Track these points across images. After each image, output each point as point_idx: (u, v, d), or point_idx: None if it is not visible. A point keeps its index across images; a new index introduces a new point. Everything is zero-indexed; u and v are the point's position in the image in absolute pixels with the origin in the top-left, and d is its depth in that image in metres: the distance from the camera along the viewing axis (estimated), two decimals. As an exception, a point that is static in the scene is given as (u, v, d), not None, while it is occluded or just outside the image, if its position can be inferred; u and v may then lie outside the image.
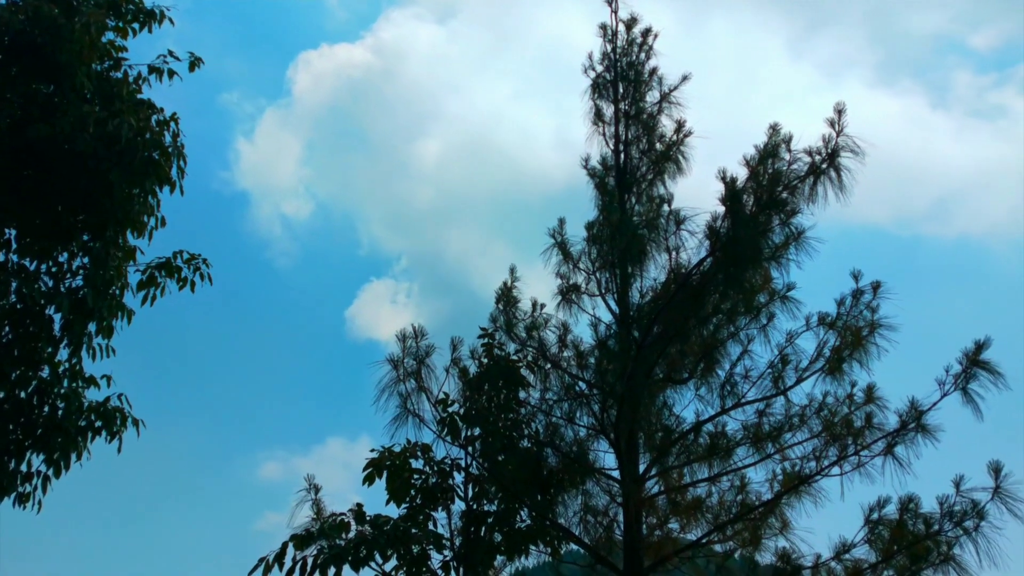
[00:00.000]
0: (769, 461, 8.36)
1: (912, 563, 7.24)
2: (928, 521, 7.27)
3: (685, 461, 8.57)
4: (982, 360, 7.69)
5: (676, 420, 8.57)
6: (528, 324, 9.61)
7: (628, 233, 8.70)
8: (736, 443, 8.52)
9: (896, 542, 7.24)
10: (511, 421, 9.28)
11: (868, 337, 8.46)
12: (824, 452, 7.96)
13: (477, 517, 8.96)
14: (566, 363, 9.13)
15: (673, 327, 8.18)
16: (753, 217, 7.94)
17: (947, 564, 7.23)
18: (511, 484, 8.74)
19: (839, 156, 7.93)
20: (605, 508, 8.62)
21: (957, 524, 7.21)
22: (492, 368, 9.42)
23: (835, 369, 8.45)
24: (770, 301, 8.85)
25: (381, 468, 9.09)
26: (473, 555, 8.59)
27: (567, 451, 8.78)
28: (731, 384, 8.62)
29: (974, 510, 7.20)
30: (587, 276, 9.51)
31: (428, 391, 8.86)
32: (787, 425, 8.39)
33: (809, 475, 7.93)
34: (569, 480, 8.70)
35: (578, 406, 8.87)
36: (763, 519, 8.06)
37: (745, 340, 8.72)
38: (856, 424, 8.08)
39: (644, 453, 8.47)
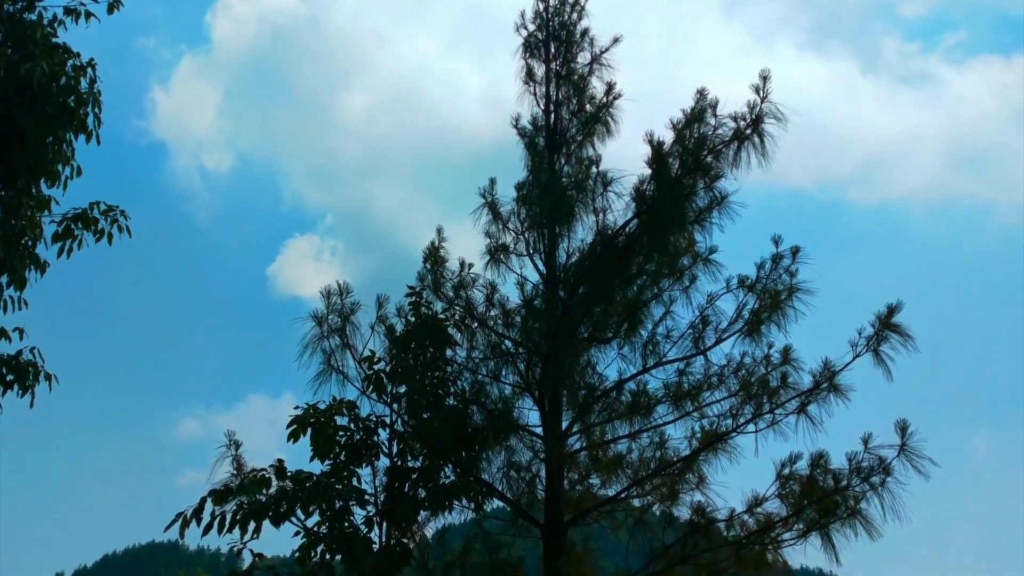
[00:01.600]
0: (688, 419, 8.59)
1: (821, 517, 7.53)
2: (837, 477, 7.56)
3: (607, 418, 8.73)
4: (894, 323, 7.98)
5: (599, 378, 8.73)
6: (456, 283, 9.61)
7: (556, 194, 8.73)
8: (656, 401, 8.71)
9: (806, 496, 7.52)
10: (437, 379, 9.30)
11: (786, 301, 8.69)
12: (740, 410, 8.20)
13: (401, 473, 8.99)
14: (493, 322, 9.17)
15: (598, 287, 8.29)
16: (678, 180, 8.07)
17: (854, 518, 7.54)
18: (436, 441, 8.78)
19: (763, 122, 8.08)
20: (528, 464, 8.75)
21: (864, 480, 7.51)
22: (419, 327, 9.40)
23: (753, 331, 8.66)
24: (693, 264, 9.01)
25: (305, 425, 9.02)
26: (397, 510, 8.62)
27: (492, 408, 8.85)
28: (653, 344, 8.80)
29: (881, 466, 7.51)
30: (516, 236, 9.54)
31: (353, 348, 8.82)
32: (706, 384, 8.60)
33: (725, 432, 8.16)
34: (493, 437, 8.78)
35: (504, 364, 8.94)
36: (681, 475, 8.29)
37: (668, 301, 8.90)
38: (772, 384, 8.32)
39: (567, 410, 8.61)
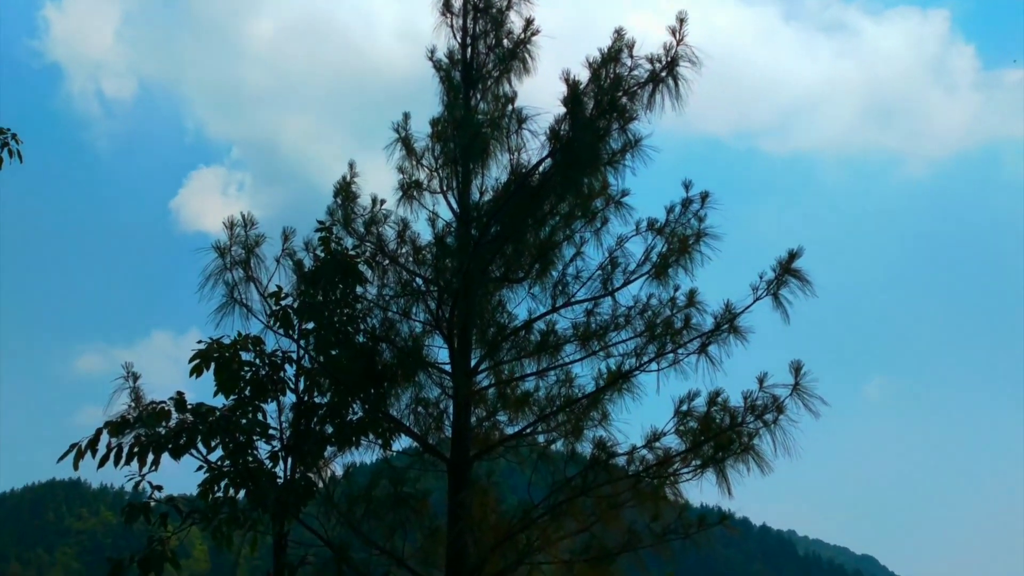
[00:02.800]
0: (594, 358, 8.76)
1: (716, 452, 7.83)
2: (733, 414, 7.86)
3: (516, 357, 8.83)
4: (794, 268, 8.26)
5: (509, 317, 8.81)
6: (367, 219, 9.46)
7: (471, 130, 8.64)
8: (565, 340, 8.85)
9: (703, 433, 7.79)
10: (347, 316, 9.21)
11: (694, 245, 8.87)
12: (644, 350, 8.40)
13: (308, 409, 8.93)
14: (404, 259, 9.10)
15: (511, 227, 8.30)
16: (593, 121, 8.09)
17: (747, 454, 7.87)
18: (344, 378, 8.73)
19: (678, 66, 8.15)
20: (436, 400, 8.81)
21: (758, 417, 7.83)
22: (328, 262, 9.25)
23: (661, 274, 8.84)
24: (606, 206, 9.10)
25: (209, 359, 8.83)
26: (302, 446, 8.57)
27: (402, 346, 8.83)
28: (563, 284, 8.90)
29: (774, 405, 7.84)
30: (430, 173, 9.42)
31: (257, 281, 8.63)
32: (613, 325, 8.77)
33: (629, 371, 8.36)
34: (402, 374, 8.78)
35: (414, 302, 8.91)
36: (585, 412, 8.48)
37: (579, 242, 8.98)
38: (676, 325, 8.54)
39: (476, 348, 8.67)
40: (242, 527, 8.17)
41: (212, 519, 8.10)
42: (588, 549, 8.01)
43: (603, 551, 7.93)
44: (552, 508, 7.67)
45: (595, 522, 7.96)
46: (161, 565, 7.32)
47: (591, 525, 8.00)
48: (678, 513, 8.10)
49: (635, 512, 8.08)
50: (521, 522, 7.55)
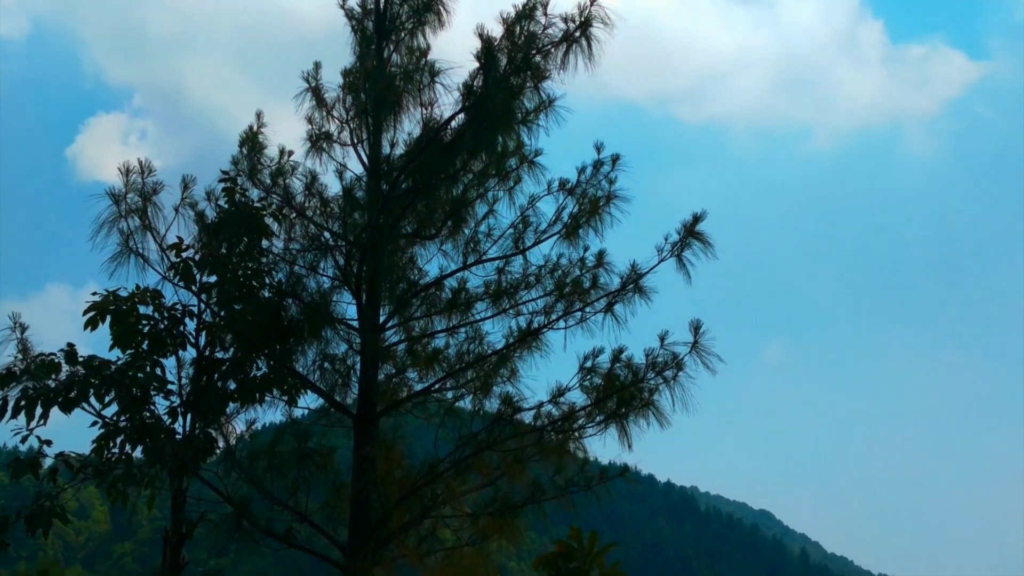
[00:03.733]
0: (505, 316, 8.81)
1: (619, 407, 8.01)
2: (635, 370, 8.03)
3: (426, 313, 8.81)
4: (697, 231, 8.44)
5: (419, 274, 8.76)
6: (274, 171, 9.20)
7: (383, 82, 8.48)
8: (476, 298, 8.86)
9: (606, 388, 7.95)
10: (251, 270, 8.99)
11: (604, 207, 8.97)
12: (553, 308, 8.49)
13: (209, 365, 8.72)
14: (312, 213, 8.91)
15: (422, 182, 8.21)
16: (506, 77, 8.03)
17: (648, 409, 8.08)
18: (248, 333, 8.55)
19: (591, 26, 8.13)
20: (343, 357, 8.72)
21: (659, 374, 8.04)
22: (232, 214, 8.98)
23: (571, 234, 8.92)
24: (519, 166, 9.09)
25: (104, 312, 8.51)
26: (203, 402, 8.39)
27: (309, 301, 8.68)
28: (475, 242, 8.89)
29: (674, 362, 8.05)
30: (340, 125, 9.21)
31: (155, 231, 8.32)
32: (523, 283, 8.82)
33: (538, 328, 8.44)
34: (309, 330, 8.64)
35: (322, 257, 8.75)
36: (495, 369, 8.53)
37: (491, 200, 8.96)
38: (584, 285, 8.65)
39: (385, 304, 8.59)
40: (138, 484, 7.98)
41: (107, 476, 7.89)
42: (493, 502, 8.12)
43: (507, 504, 8.06)
44: (458, 463, 7.73)
45: (500, 476, 8.06)
46: (49, 522, 7.09)
47: (496, 479, 8.10)
48: (581, 467, 8.28)
49: (540, 466, 8.22)
50: (426, 477, 7.59)
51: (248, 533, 7.71)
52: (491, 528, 8.15)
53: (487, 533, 8.17)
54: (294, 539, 7.77)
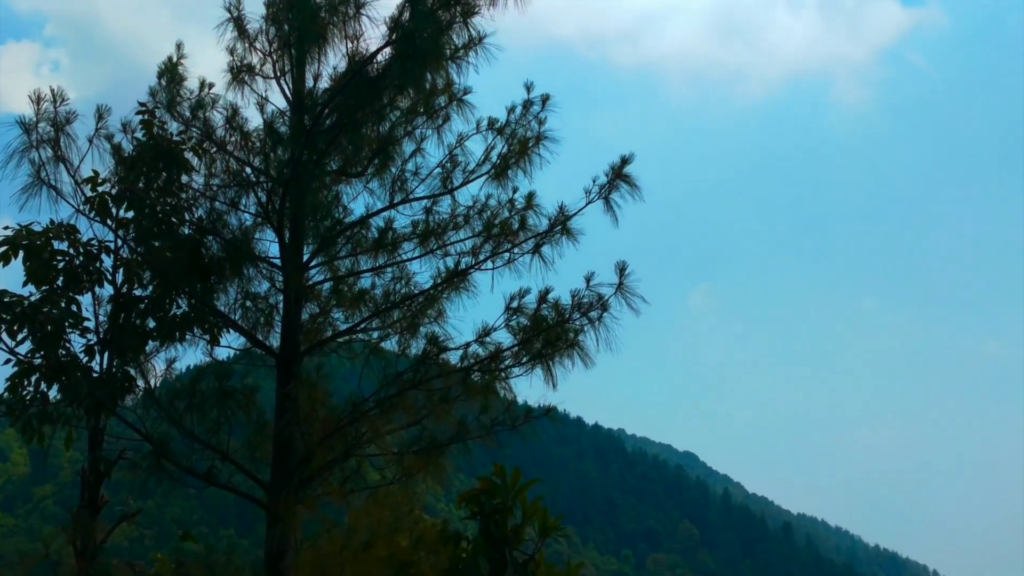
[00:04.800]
0: (432, 256, 8.76)
1: (544, 348, 8.09)
2: (561, 311, 8.11)
3: (352, 253, 8.69)
4: (625, 174, 8.48)
5: (344, 211, 8.61)
6: (194, 104, 8.86)
7: (307, 13, 8.20)
8: (403, 238, 8.78)
9: (533, 329, 8.01)
10: (170, 206, 8.73)
11: (533, 147, 8.92)
12: (480, 249, 8.47)
13: (127, 302, 8.49)
14: (233, 147, 8.64)
15: (347, 117, 8.03)
16: (434, 11, 7.87)
17: (573, 349, 8.18)
18: (167, 270, 8.33)
19: (517, -40, 7.98)
20: (266, 295, 8.57)
21: (584, 314, 8.13)
22: (150, 147, 8.67)
23: (500, 175, 8.87)
24: (448, 104, 8.96)
25: (17, 247, 8.22)
26: (121, 339, 8.18)
27: (230, 238, 8.48)
28: (402, 181, 8.77)
29: (599, 303, 8.14)
30: (263, 57, 8.89)
31: (68, 163, 7.97)
32: (451, 224, 8.76)
33: (466, 269, 8.43)
34: (230, 267, 8.46)
35: (244, 193, 8.52)
36: (422, 310, 8.51)
37: (419, 139, 8.83)
38: (513, 226, 8.64)
39: (309, 243, 8.45)
40: (54, 423, 7.81)
41: (21, 415, 7.69)
42: (418, 441, 8.17)
43: (433, 443, 8.12)
44: (382, 402, 7.72)
45: (426, 415, 8.10)
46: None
47: (422, 419, 8.14)
48: (506, 407, 8.37)
49: (465, 407, 8.28)
50: (350, 416, 7.57)
51: (168, 472, 7.61)
52: (416, 467, 8.21)
53: (412, 472, 8.24)
54: (216, 478, 7.71)
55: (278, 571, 7.09)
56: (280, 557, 7.09)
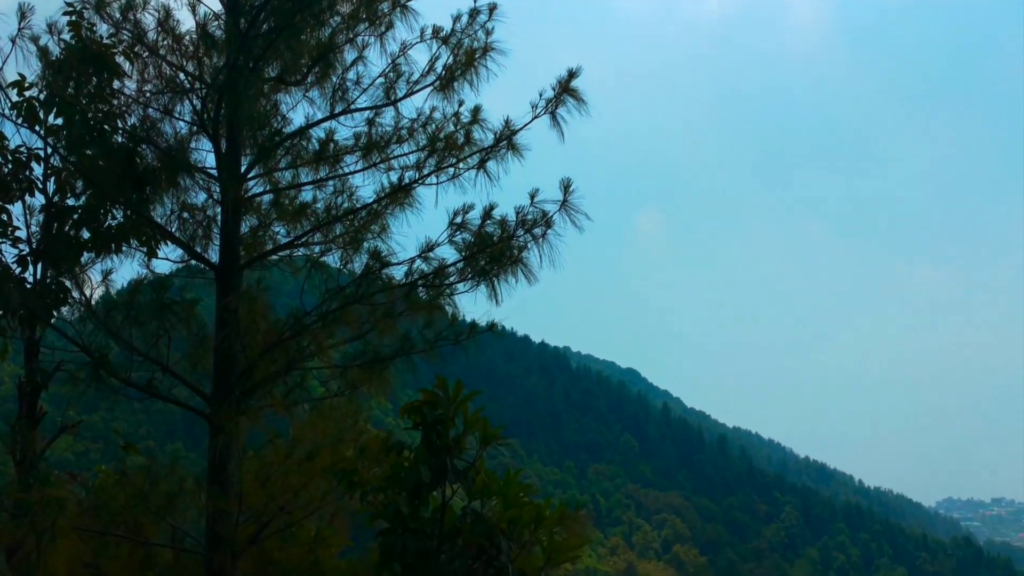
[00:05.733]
0: (375, 170, 8.62)
1: (488, 264, 8.11)
2: (506, 227, 8.11)
3: (291, 164, 8.52)
4: (572, 88, 8.39)
5: (283, 121, 8.39)
6: (124, 4, 8.43)
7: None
8: (345, 151, 8.61)
9: (476, 245, 8.01)
10: (102, 113, 8.40)
11: (480, 59, 8.74)
12: (425, 163, 8.37)
13: (60, 212, 8.25)
14: (166, 51, 8.30)
15: (284, 20, 7.74)
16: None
17: (516, 266, 8.22)
18: (100, 179, 8.08)
19: None
20: (203, 207, 8.39)
21: (528, 231, 8.14)
22: (79, 51, 8.28)
23: (446, 87, 8.70)
24: (392, 11, 8.69)
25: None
26: (55, 250, 7.98)
27: (165, 147, 8.22)
28: (343, 90, 8.55)
29: (544, 220, 8.15)
30: (197, -44, 8.48)
31: (-11, 64, 7.59)
32: (395, 137, 8.61)
33: (409, 184, 8.34)
34: (166, 178, 8.23)
35: (178, 99, 8.23)
36: (365, 224, 8.43)
37: (361, 46, 8.58)
38: (458, 140, 8.53)
39: (247, 153, 8.25)
40: (-13, 334, 7.64)
41: (-49, 327, 7.50)
42: (362, 355, 8.20)
43: (377, 356, 8.16)
44: (324, 316, 7.70)
45: (369, 330, 8.11)
46: None
47: (366, 333, 8.15)
48: (450, 321, 8.42)
49: (410, 321, 8.31)
50: (292, 329, 7.55)
51: (107, 384, 7.55)
52: (360, 380, 8.28)
53: (356, 385, 8.30)
54: (156, 390, 7.67)
55: (221, 480, 7.16)
56: (223, 467, 7.15)
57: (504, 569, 5.76)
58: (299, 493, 7.23)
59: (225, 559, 6.76)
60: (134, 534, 7.20)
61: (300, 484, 7.21)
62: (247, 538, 6.98)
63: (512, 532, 5.88)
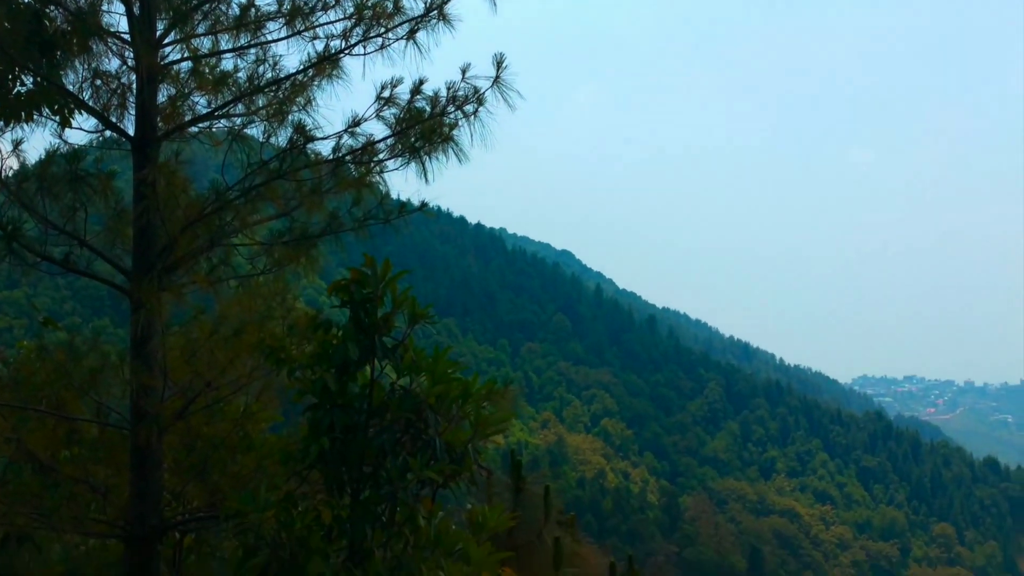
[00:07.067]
0: (300, 38, 8.23)
1: (418, 141, 7.95)
2: (436, 103, 7.91)
3: (211, 31, 8.08)
4: (505, -43, 8.05)
5: (200, -18, 7.89)
6: None
7: None
8: (267, 17, 8.19)
9: (406, 120, 7.82)
10: (2, -33, 7.77)
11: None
12: (351, 32, 8.03)
13: (-41, 76, 7.71)
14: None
15: None
16: None
17: (447, 143, 8.08)
18: (6, 43, 7.55)
19: None
20: (117, 74, 7.94)
21: (459, 108, 7.97)
22: None
23: (375, -51, 8.25)
24: None
25: None
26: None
27: (75, 9, 7.70)
28: (266, -49, 8.05)
29: (475, 96, 7.97)
30: None
31: None
32: (320, 3, 8.20)
33: (336, 54, 8.01)
34: (77, 42, 7.74)
35: (85, -44, 7.65)
36: (289, 96, 8.12)
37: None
38: (387, 8, 8.17)
39: (162, 17, 7.78)
40: None
41: None
42: (289, 232, 8.07)
43: (304, 234, 8.04)
44: (248, 191, 7.50)
45: (296, 207, 7.96)
46: None
47: (292, 210, 8.00)
48: (379, 200, 8.30)
49: (338, 199, 8.17)
50: (214, 203, 7.35)
51: (21, 257, 7.29)
52: (287, 258, 8.17)
53: (283, 263, 8.20)
54: (74, 265, 7.45)
55: (145, 356, 7.09)
56: (146, 343, 7.07)
57: (432, 442, 5.91)
58: (226, 369, 7.22)
59: (151, 434, 6.77)
60: (57, 409, 7.14)
61: (227, 360, 7.19)
62: (173, 413, 6.99)
63: (440, 407, 6.00)
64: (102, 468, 7.22)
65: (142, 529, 6.98)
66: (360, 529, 5.80)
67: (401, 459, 5.84)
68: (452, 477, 5.94)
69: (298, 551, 5.62)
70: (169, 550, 7.52)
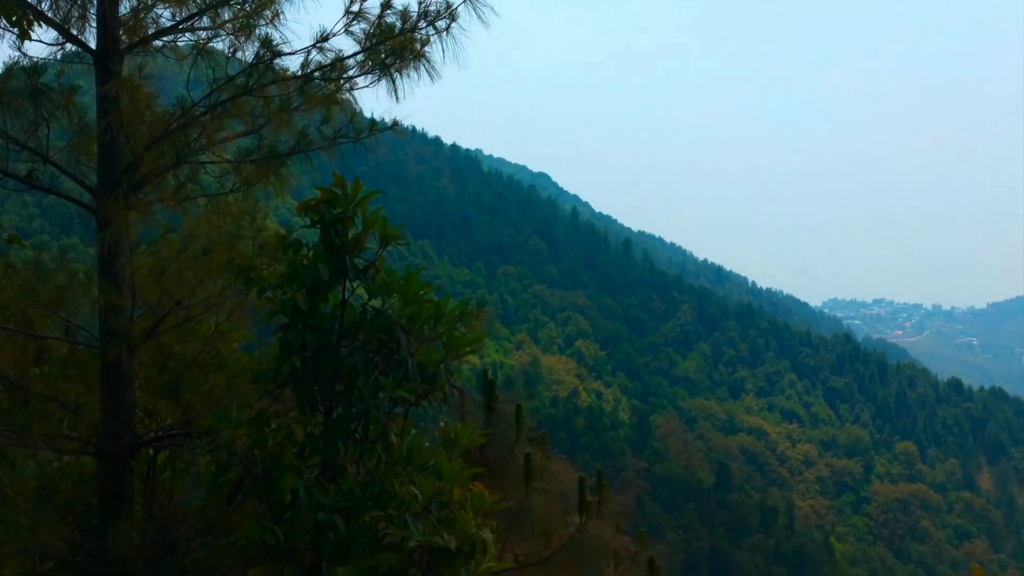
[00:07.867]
0: (266, -51, 7.93)
1: (388, 57, 7.77)
2: (407, 18, 7.71)
3: (172, -62, 7.75)
4: None
5: None
6: None
7: None
8: (231, -75, 7.86)
9: (375, 36, 7.63)
10: None
11: None
12: (319, -58, 7.75)
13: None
14: None
15: None
16: None
17: (419, 60, 7.90)
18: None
19: None
20: (76, -18, 7.63)
21: (431, 23, 7.77)
22: None
23: None
24: None
25: None
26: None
27: (27, -88, 7.35)
28: None
29: (448, 11, 7.77)
30: None
31: None
32: (287, -89, 7.88)
33: (304, -35, 7.74)
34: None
35: None
36: (256, 9, 7.86)
37: None
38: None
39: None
40: None
41: None
42: (257, 150, 7.93)
43: (272, 152, 7.91)
44: (214, 107, 7.33)
45: (264, 124, 7.80)
46: None
47: (260, 128, 7.84)
48: (349, 118, 8.16)
49: (307, 117, 8.01)
50: (180, 120, 7.18)
51: (-18, 174, 7.12)
52: (256, 176, 8.04)
53: (251, 181, 8.07)
54: (38, 181, 7.29)
55: (113, 275, 7.02)
56: (113, 261, 6.99)
57: (404, 362, 5.97)
58: (195, 289, 7.18)
59: (120, 352, 6.76)
60: (24, 328, 7.09)
61: (196, 279, 7.15)
62: (143, 332, 6.96)
63: (412, 328, 6.04)
64: (72, 386, 7.22)
65: (115, 446, 7.03)
66: (333, 446, 5.90)
67: (373, 378, 5.90)
68: (424, 396, 6.02)
69: (271, 467, 5.71)
70: (143, 466, 7.60)
